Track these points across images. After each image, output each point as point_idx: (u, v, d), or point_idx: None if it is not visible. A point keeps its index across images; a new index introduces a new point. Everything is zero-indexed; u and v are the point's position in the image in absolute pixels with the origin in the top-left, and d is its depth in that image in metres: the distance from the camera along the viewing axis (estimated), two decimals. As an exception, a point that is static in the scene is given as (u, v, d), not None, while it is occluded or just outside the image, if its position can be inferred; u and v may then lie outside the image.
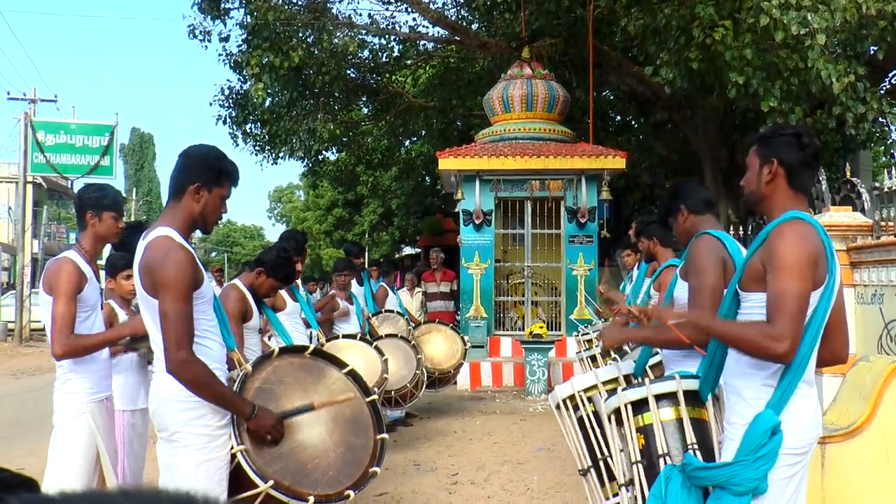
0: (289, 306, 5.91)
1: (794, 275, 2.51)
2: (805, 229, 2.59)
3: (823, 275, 2.58)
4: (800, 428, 2.59)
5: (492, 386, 12.26)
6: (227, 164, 3.14)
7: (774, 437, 2.53)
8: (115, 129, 25.17)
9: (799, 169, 2.72)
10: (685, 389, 2.93)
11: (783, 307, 2.48)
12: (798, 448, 2.59)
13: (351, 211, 34.30)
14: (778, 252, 2.55)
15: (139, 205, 57.26)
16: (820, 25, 8.47)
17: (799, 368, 2.57)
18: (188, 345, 2.87)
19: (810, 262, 2.53)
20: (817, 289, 2.57)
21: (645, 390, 2.95)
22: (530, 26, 15.15)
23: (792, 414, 2.58)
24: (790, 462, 2.58)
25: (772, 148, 2.76)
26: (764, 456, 2.52)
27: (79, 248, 3.88)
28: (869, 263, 6.75)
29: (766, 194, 2.77)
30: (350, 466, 3.23)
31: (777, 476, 2.57)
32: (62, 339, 3.63)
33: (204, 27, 15.90)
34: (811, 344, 2.59)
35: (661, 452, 2.86)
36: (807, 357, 2.58)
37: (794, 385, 2.58)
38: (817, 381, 6.90)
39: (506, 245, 14.50)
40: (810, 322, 2.57)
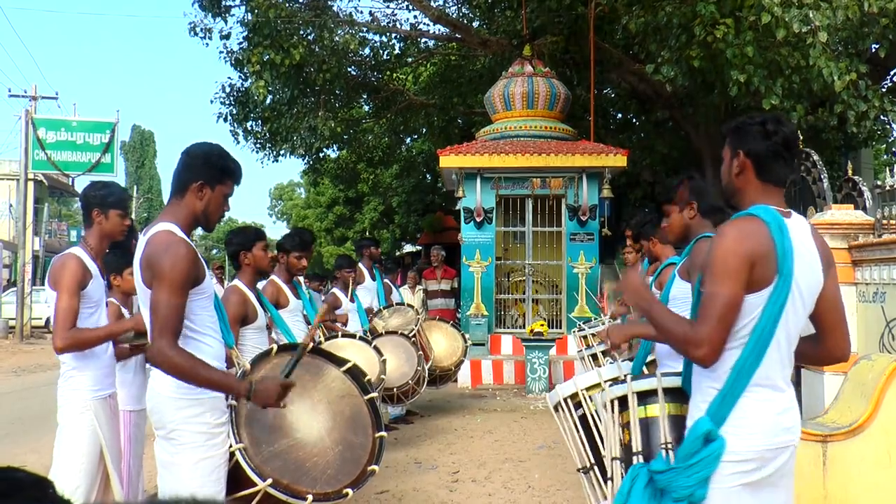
0: (291, 303, 5.89)
1: (720, 278, 2.41)
2: (748, 227, 2.47)
3: (769, 275, 2.43)
4: (749, 433, 2.44)
5: (493, 384, 12.25)
6: (230, 161, 3.14)
7: (710, 444, 2.42)
8: (116, 126, 25.19)
9: (767, 160, 2.58)
10: (667, 386, 2.88)
11: (707, 311, 2.41)
12: (745, 454, 2.43)
13: (352, 208, 34.30)
14: (712, 253, 2.47)
15: (140, 202, 57.28)
16: (822, 23, 8.45)
17: (743, 372, 2.45)
18: (171, 335, 2.84)
19: (743, 263, 2.41)
20: (758, 290, 2.44)
21: (626, 388, 2.92)
22: (531, 24, 15.14)
23: (739, 418, 2.45)
24: (739, 469, 2.43)
25: (739, 139, 2.63)
26: (697, 463, 2.42)
27: (84, 245, 3.93)
28: (871, 262, 6.73)
29: (737, 187, 2.65)
30: (349, 465, 3.22)
31: (723, 484, 2.43)
32: (63, 333, 3.67)
33: (205, 24, 15.88)
34: (758, 346, 2.45)
35: (636, 450, 2.83)
36: (753, 361, 2.45)
37: (737, 389, 2.45)
38: (818, 379, 6.93)
39: (507, 243, 14.50)
40: (756, 324, 2.44)
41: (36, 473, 1.05)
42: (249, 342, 4.63)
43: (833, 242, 6.98)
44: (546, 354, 11.25)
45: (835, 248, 6.95)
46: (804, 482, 4.38)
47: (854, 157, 13.19)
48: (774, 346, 2.47)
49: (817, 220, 7.00)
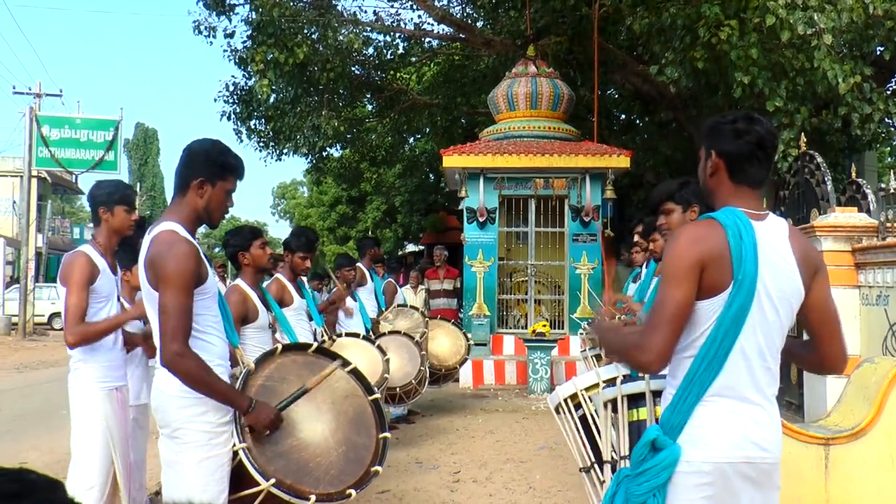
0: (295, 302, 5.90)
1: (667, 283, 2.33)
2: (702, 230, 2.39)
3: (723, 280, 2.32)
4: (705, 444, 2.32)
5: (494, 384, 12.26)
6: (231, 157, 3.12)
7: (659, 452, 2.33)
8: (120, 123, 25.23)
9: (739, 160, 2.46)
10: (654, 389, 2.87)
11: (653, 316, 2.33)
12: (701, 465, 2.31)
13: (354, 208, 34.29)
14: (663, 258, 2.41)
15: (143, 200, 57.29)
16: (826, 25, 8.44)
17: (696, 380, 2.34)
18: (183, 338, 2.85)
19: (691, 268, 2.31)
20: (712, 296, 2.33)
21: (616, 391, 2.92)
22: (535, 24, 15.14)
23: (695, 428, 2.34)
24: (698, 482, 2.31)
25: (713, 138, 2.53)
26: (646, 472, 2.33)
27: (94, 242, 4.05)
28: (874, 264, 6.73)
29: (711, 188, 2.56)
30: (352, 465, 3.22)
31: (683, 496, 2.32)
32: (74, 328, 3.80)
33: (209, 23, 15.90)
34: (713, 354, 2.33)
35: (623, 454, 2.82)
36: (708, 368, 2.34)
37: (690, 397, 2.34)
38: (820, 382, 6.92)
39: (509, 243, 14.49)
40: (712, 331, 2.33)
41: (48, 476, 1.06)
42: (251, 341, 4.64)
43: (836, 245, 6.98)
44: (548, 355, 11.26)
45: (838, 251, 6.95)
46: (806, 485, 4.38)
47: (858, 159, 13.15)
48: (738, 356, 2.34)
49: (821, 223, 7.00)
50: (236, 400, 2.99)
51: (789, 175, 8.42)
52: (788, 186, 8.36)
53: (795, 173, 8.21)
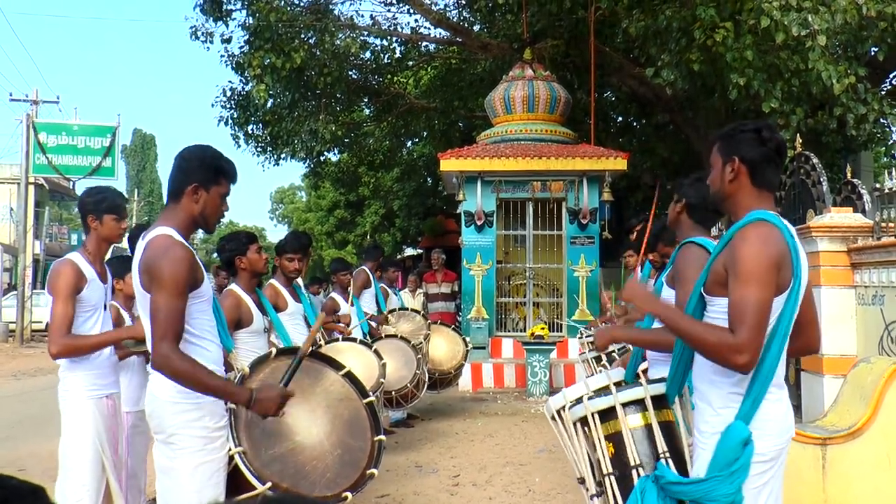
0: (290, 306, 5.90)
1: (755, 283, 2.42)
2: (768, 232, 2.50)
3: (788, 278, 2.50)
4: (770, 434, 2.50)
5: (493, 387, 12.25)
6: (224, 162, 3.12)
7: (747, 448, 2.46)
8: (117, 130, 25.23)
9: (761, 165, 2.62)
10: (653, 395, 2.88)
11: (744, 317, 2.40)
12: (768, 454, 2.50)
13: (353, 212, 34.29)
14: (740, 258, 2.47)
15: (141, 206, 57.35)
16: (820, 27, 8.46)
17: (768, 375, 2.49)
18: (173, 340, 2.84)
19: (772, 267, 2.45)
20: (782, 293, 2.49)
21: (612, 399, 2.90)
22: (532, 28, 15.17)
23: (762, 420, 2.50)
24: (762, 470, 2.50)
25: (733, 145, 2.66)
26: (738, 470, 2.45)
27: (83, 250, 4.00)
28: (870, 265, 6.74)
29: (729, 193, 2.68)
30: (348, 468, 3.23)
31: (750, 485, 2.48)
32: (58, 339, 3.74)
33: (206, 28, 15.92)
34: (779, 349, 2.51)
35: (634, 463, 2.80)
36: (775, 363, 2.51)
37: (763, 392, 2.49)
38: (818, 382, 6.94)
39: (507, 246, 14.50)
40: (777, 327, 2.50)
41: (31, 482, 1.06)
42: (245, 346, 4.63)
43: (832, 245, 6.99)
44: (547, 358, 11.26)
45: (834, 252, 6.97)
46: (804, 485, 4.39)
47: (854, 159, 13.19)
48: (785, 347, 2.56)
49: (816, 223, 7.01)
50: (235, 394, 2.94)
51: (785, 176, 8.43)
52: (785, 187, 8.38)
53: (791, 174, 8.22)
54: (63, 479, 3.81)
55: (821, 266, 6.99)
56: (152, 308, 2.87)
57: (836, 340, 6.94)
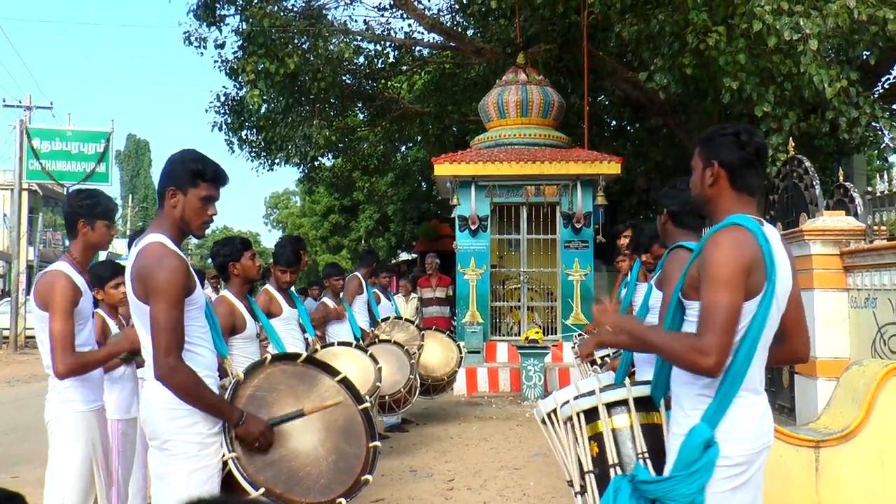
0: (285, 312, 5.91)
1: (723, 287, 2.43)
2: (740, 236, 2.51)
3: (761, 282, 2.50)
4: (739, 438, 2.50)
5: (488, 391, 12.26)
6: (200, 163, 3.07)
7: (709, 450, 2.47)
8: (111, 135, 25.19)
9: (740, 169, 2.63)
10: (636, 396, 2.91)
11: (712, 321, 2.42)
12: (736, 458, 2.49)
13: (347, 217, 34.25)
14: (710, 262, 2.49)
15: (135, 211, 57.24)
16: (812, 31, 8.49)
17: (736, 379, 2.49)
18: (177, 351, 2.87)
19: (742, 272, 2.45)
20: (753, 298, 2.50)
21: (596, 399, 2.93)
22: (525, 32, 15.18)
23: (730, 423, 2.50)
24: (730, 474, 2.49)
25: (713, 149, 2.68)
26: (698, 471, 2.46)
27: (69, 258, 3.79)
28: (862, 267, 6.76)
29: (710, 197, 2.69)
30: (342, 474, 3.22)
31: (716, 489, 2.49)
32: (66, 359, 3.56)
33: (199, 34, 15.92)
34: (749, 353, 2.51)
35: (612, 462, 2.84)
36: (744, 367, 2.50)
37: (731, 395, 2.50)
38: (811, 385, 6.96)
39: (501, 250, 14.50)
40: (747, 332, 2.50)
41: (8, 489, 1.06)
42: (239, 352, 4.63)
43: (825, 249, 7.01)
44: (541, 362, 11.26)
45: (826, 255, 6.99)
46: (797, 488, 4.41)
47: (846, 163, 13.23)
48: (759, 352, 2.55)
49: (809, 227, 7.03)
50: (227, 412, 3.00)
51: (778, 179, 8.45)
52: (778, 191, 8.40)
53: (784, 177, 8.24)
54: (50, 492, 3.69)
55: (814, 269, 7.02)
56: (153, 321, 2.88)
57: (830, 343, 6.96)
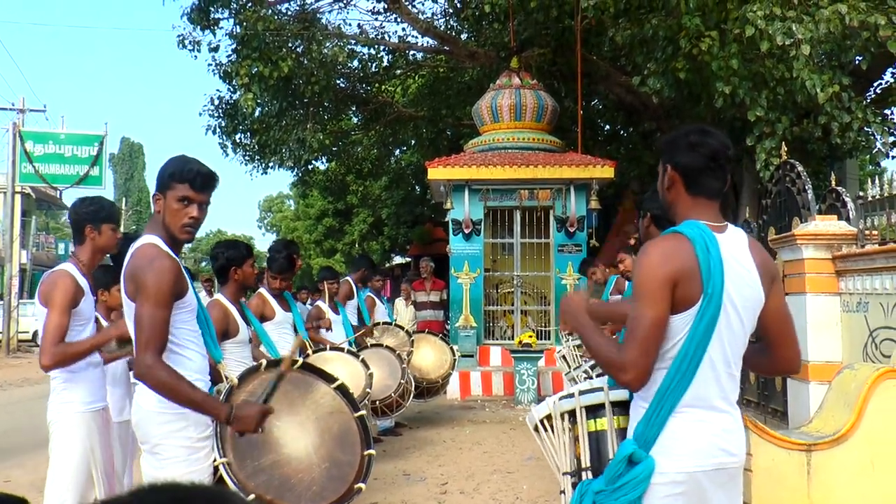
0: (278, 315, 5.90)
1: (643, 300, 2.35)
2: (671, 245, 2.41)
3: (694, 294, 2.36)
4: (679, 454, 2.36)
5: (481, 395, 12.27)
6: (177, 165, 3.07)
7: (636, 466, 2.36)
8: (105, 138, 25.13)
9: (694, 173, 2.50)
10: (614, 400, 2.86)
11: (631, 335, 2.35)
12: (676, 476, 2.36)
13: (341, 220, 34.25)
14: (635, 274, 2.43)
15: (129, 214, 57.13)
16: (804, 36, 8.53)
17: (668, 394, 2.38)
18: (156, 350, 2.85)
19: (664, 284, 2.34)
20: (684, 310, 2.37)
21: (574, 402, 2.90)
22: (519, 36, 15.22)
23: (669, 440, 2.38)
24: (672, 492, 2.36)
25: (669, 152, 2.57)
26: (623, 486, 2.36)
27: (76, 260, 3.91)
28: (854, 272, 6.78)
29: (669, 202, 2.59)
30: (335, 482, 3.22)
31: None
32: (51, 349, 3.62)
33: (193, 37, 15.90)
34: (684, 367, 2.37)
35: (585, 466, 2.80)
36: (679, 381, 2.37)
37: (663, 410, 2.38)
38: (803, 388, 6.96)
39: (495, 254, 14.52)
40: (683, 345, 2.37)
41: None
42: (232, 356, 4.63)
43: (817, 253, 7.03)
44: (535, 365, 11.28)
45: (819, 259, 7.01)
46: (789, 491, 4.42)
47: (839, 167, 13.26)
48: (707, 366, 2.40)
49: (801, 231, 7.05)
50: (215, 408, 2.94)
51: (771, 184, 8.47)
52: (771, 195, 8.42)
53: (777, 182, 8.26)
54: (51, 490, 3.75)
55: (806, 273, 7.04)
56: (136, 318, 2.89)
57: (822, 347, 6.97)
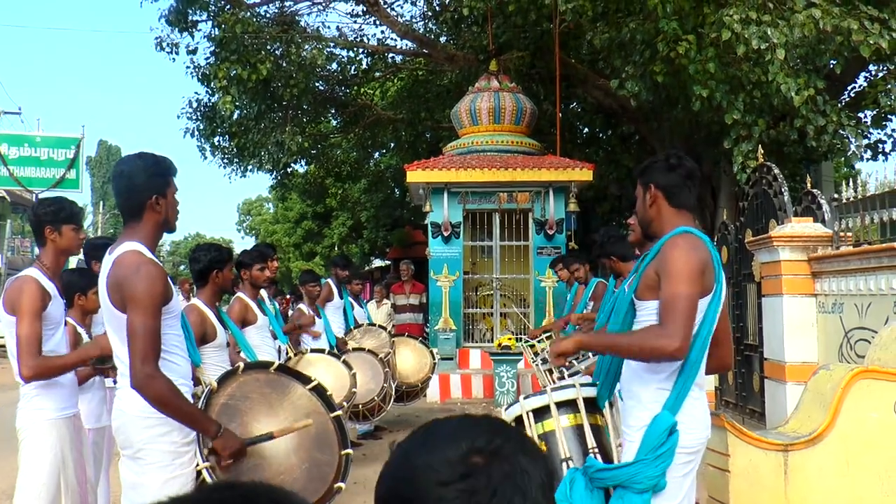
0: (259, 320, 5.88)
1: (685, 280, 2.70)
2: (694, 241, 2.81)
3: (711, 283, 2.80)
4: (693, 428, 2.78)
5: (461, 398, 12.27)
6: (166, 163, 3.15)
7: (672, 436, 2.71)
8: (82, 141, 24.93)
9: (674, 189, 2.95)
10: (585, 397, 3.11)
11: (675, 308, 2.68)
12: (691, 447, 2.78)
13: (320, 223, 34.16)
14: (671, 260, 2.76)
15: (106, 218, 56.69)
16: (779, 40, 8.61)
17: (691, 371, 2.76)
18: (154, 360, 2.85)
19: (700, 269, 2.74)
20: (706, 296, 2.78)
21: (547, 398, 3.13)
22: (497, 39, 15.25)
23: (686, 415, 2.77)
24: (685, 460, 2.76)
25: (648, 175, 3.01)
26: (663, 454, 2.68)
27: (40, 264, 3.78)
28: (829, 273, 6.86)
29: (652, 217, 3.00)
30: (315, 482, 3.23)
31: (674, 474, 2.73)
32: (30, 361, 3.54)
33: (171, 39, 15.83)
34: (702, 348, 2.78)
35: (564, 457, 3.03)
36: (698, 361, 2.78)
37: (687, 387, 2.76)
38: (780, 389, 7.04)
39: (474, 257, 14.54)
40: (700, 328, 2.77)
41: None
42: (210, 360, 4.60)
43: (793, 255, 7.10)
44: (514, 368, 11.28)
45: (795, 261, 7.08)
46: (766, 491, 4.46)
47: (815, 170, 13.39)
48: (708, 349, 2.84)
49: (778, 233, 7.12)
50: (204, 424, 2.98)
51: (748, 186, 8.55)
52: (747, 197, 8.50)
53: (754, 184, 8.34)
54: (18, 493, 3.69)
55: (782, 275, 7.11)
56: (130, 328, 2.86)
57: (798, 348, 7.04)
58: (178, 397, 2.91)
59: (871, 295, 6.33)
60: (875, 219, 6.58)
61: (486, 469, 1.03)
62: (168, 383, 2.87)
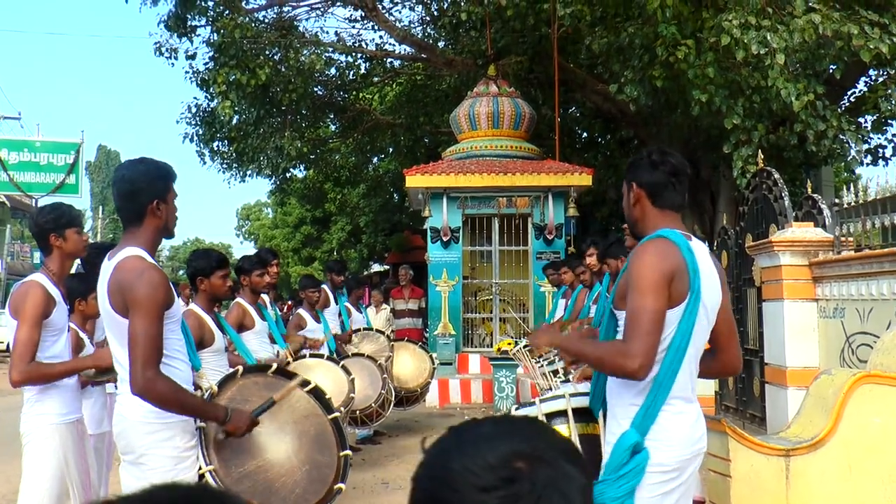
0: (257, 325, 5.88)
1: (646, 293, 2.53)
2: (663, 246, 2.62)
3: (683, 291, 2.58)
4: (670, 445, 2.58)
5: (461, 403, 12.26)
6: (165, 168, 3.13)
7: (636, 455, 2.53)
8: (81, 146, 24.98)
9: (658, 188, 2.77)
10: (575, 407, 2.99)
11: (635, 325, 2.51)
12: (667, 465, 2.56)
13: (319, 228, 34.16)
14: (633, 271, 2.60)
15: (105, 223, 56.70)
16: (779, 45, 8.61)
17: (663, 385, 2.57)
18: (156, 365, 2.84)
19: (664, 279, 2.55)
20: (676, 306, 2.58)
21: (536, 409, 3.01)
22: (496, 44, 15.26)
23: (661, 431, 2.57)
24: (660, 479, 2.56)
25: (632, 173, 2.86)
26: (625, 475, 2.51)
27: (46, 270, 3.80)
28: (830, 278, 6.84)
29: (636, 217, 2.85)
30: (315, 484, 3.25)
31: (647, 493, 2.54)
32: (21, 366, 3.55)
33: (170, 45, 15.84)
34: (674, 361, 2.58)
35: None
36: (670, 374, 2.58)
37: (658, 402, 2.57)
38: (782, 394, 7.01)
39: (474, 262, 14.53)
40: (672, 340, 2.58)
41: None
42: (208, 365, 4.58)
43: (794, 259, 7.09)
44: (513, 373, 11.26)
45: (796, 266, 7.07)
46: (768, 496, 4.44)
47: (815, 174, 13.39)
48: (687, 360, 2.62)
49: (778, 238, 7.11)
50: (212, 411, 3.03)
51: (748, 191, 8.54)
52: (748, 202, 8.49)
53: (754, 189, 8.33)
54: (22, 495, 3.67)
55: (783, 280, 7.09)
56: (132, 333, 2.85)
57: (799, 353, 7.03)
58: (182, 393, 2.91)
59: (873, 300, 6.31)
60: (876, 223, 6.58)
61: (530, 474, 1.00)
62: (169, 382, 2.86)
